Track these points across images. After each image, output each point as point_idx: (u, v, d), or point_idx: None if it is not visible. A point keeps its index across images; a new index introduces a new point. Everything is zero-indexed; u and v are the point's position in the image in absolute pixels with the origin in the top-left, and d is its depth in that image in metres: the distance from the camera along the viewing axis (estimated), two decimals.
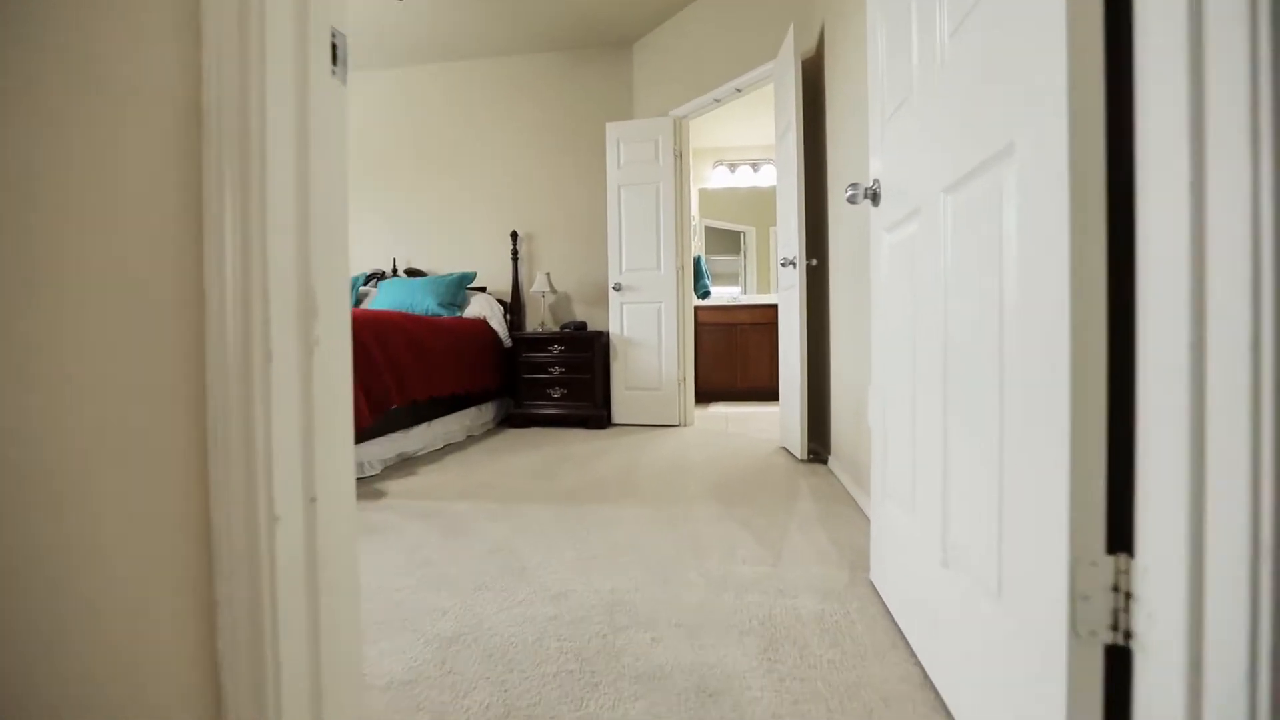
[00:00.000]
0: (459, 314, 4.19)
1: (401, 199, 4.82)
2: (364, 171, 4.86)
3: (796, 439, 2.95)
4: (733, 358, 5.54)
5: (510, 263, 4.64)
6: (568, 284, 4.61)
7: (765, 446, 3.35)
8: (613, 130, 4.19)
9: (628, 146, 4.16)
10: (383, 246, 4.84)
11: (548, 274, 4.34)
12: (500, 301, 4.53)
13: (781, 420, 3.34)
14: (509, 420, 4.21)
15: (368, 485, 2.57)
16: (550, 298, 4.60)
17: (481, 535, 1.91)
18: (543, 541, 1.84)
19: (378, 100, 4.84)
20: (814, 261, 2.89)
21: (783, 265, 2.98)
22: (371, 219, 4.86)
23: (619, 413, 4.20)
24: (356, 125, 4.86)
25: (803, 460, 2.91)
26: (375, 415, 2.63)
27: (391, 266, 4.80)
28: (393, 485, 2.57)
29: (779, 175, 3.32)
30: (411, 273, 4.67)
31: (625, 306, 4.18)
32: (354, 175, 4.88)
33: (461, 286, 4.28)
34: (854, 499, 2.23)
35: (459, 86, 4.72)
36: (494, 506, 2.23)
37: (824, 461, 2.89)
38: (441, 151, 4.76)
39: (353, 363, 2.21)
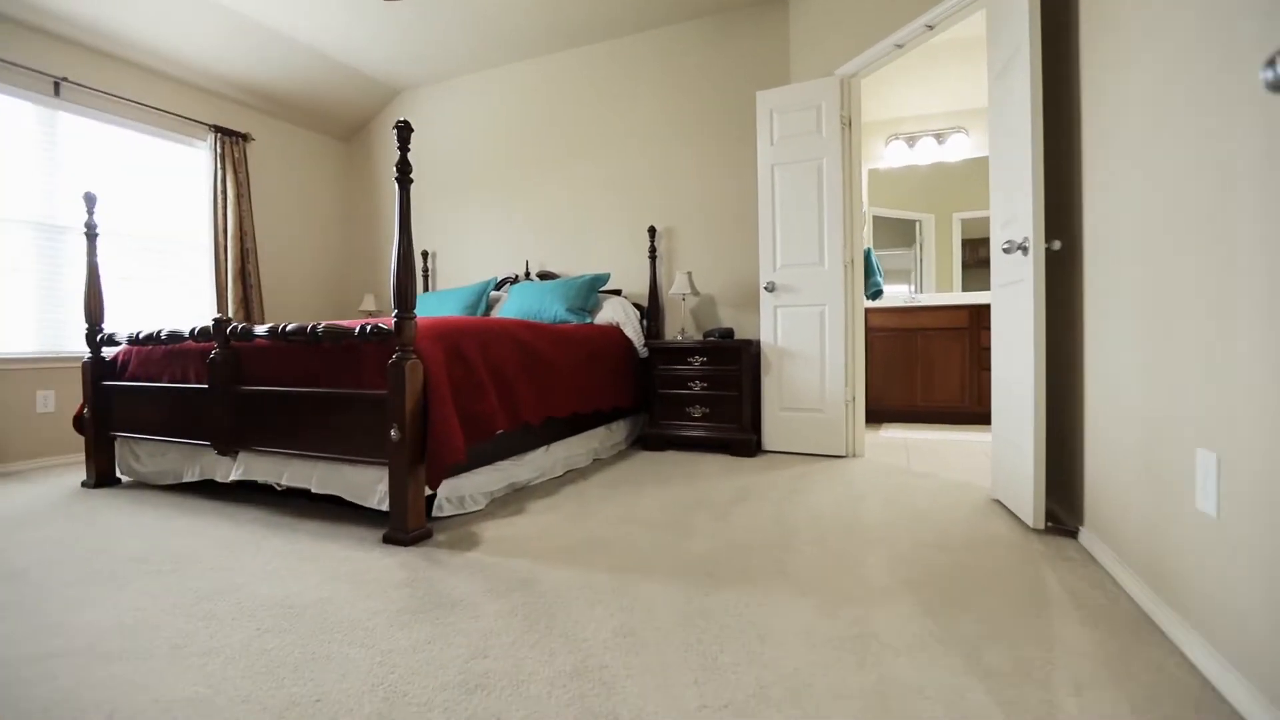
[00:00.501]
0: (590, 320, 3.77)
1: (534, 198, 4.53)
2: (498, 170, 4.65)
3: (1024, 495, 2.09)
4: (910, 371, 4.57)
5: (647, 262, 4.15)
6: (712, 284, 4.01)
7: (969, 496, 2.49)
8: (765, 99, 3.51)
9: (783, 118, 3.47)
10: (517, 249, 4.59)
11: (689, 273, 3.77)
12: (636, 306, 4.05)
13: (995, 461, 2.45)
14: (642, 440, 3.71)
15: (463, 527, 2.17)
16: (692, 300, 4.04)
17: (573, 634, 1.38)
18: (653, 660, 1.26)
19: (511, 96, 4.60)
20: (1056, 244, 2.01)
21: (1005, 251, 2.12)
22: (505, 220, 4.63)
23: (770, 437, 3.51)
24: (489, 124, 4.67)
25: (1037, 530, 2.04)
26: (475, 442, 2.24)
27: (524, 269, 4.53)
28: (491, 529, 2.15)
29: (994, 131, 2.45)
30: (544, 276, 4.36)
31: (780, 310, 3.49)
32: (486, 176, 4.69)
33: (593, 289, 3.86)
34: (1151, 619, 1.38)
35: (594, 72, 4.32)
36: (601, 578, 1.70)
37: (1071, 534, 1.99)
38: (575, 145, 4.39)
39: (449, 381, 1.79)
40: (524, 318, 3.80)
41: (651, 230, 4.00)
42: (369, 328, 2.08)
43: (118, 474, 2.96)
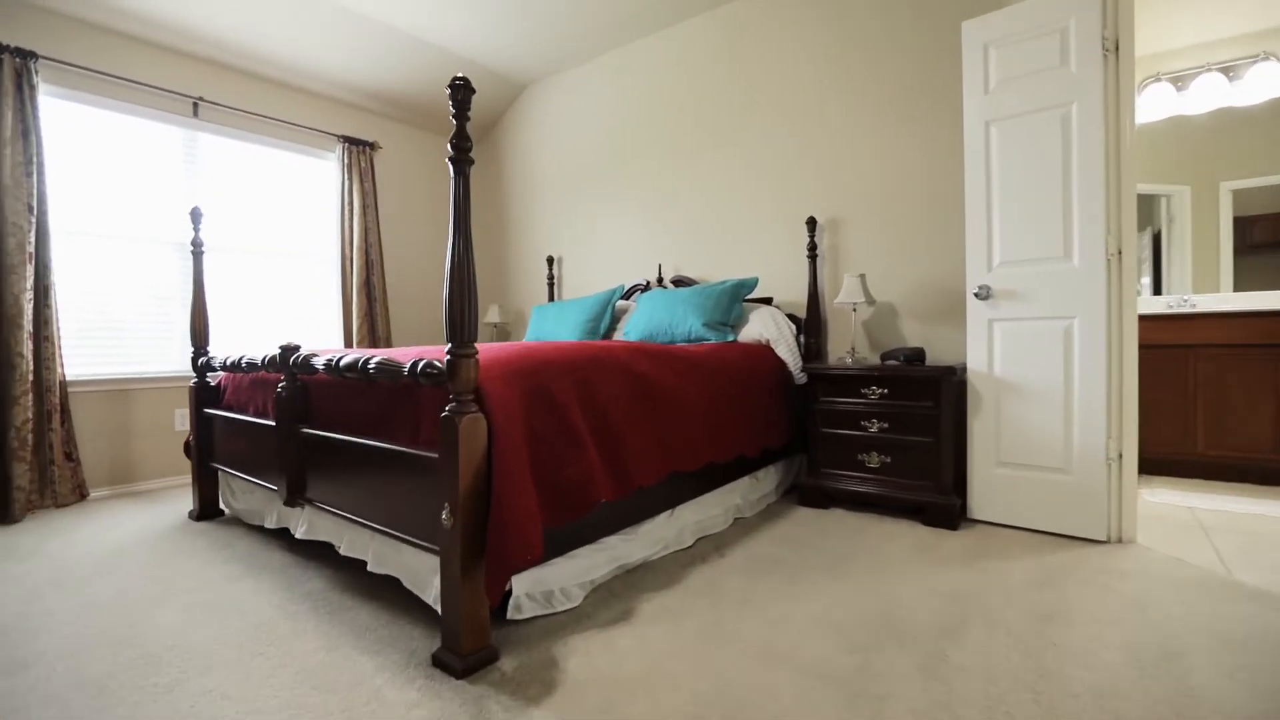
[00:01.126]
0: (732, 337, 3.03)
1: (668, 192, 3.88)
2: (628, 163, 4.05)
3: None
4: (1186, 405, 3.25)
5: (805, 262, 3.32)
6: (891, 290, 3.08)
7: None
8: (974, 32, 2.54)
9: (1005, 53, 2.47)
10: (649, 251, 3.96)
11: (861, 276, 2.89)
12: (791, 318, 3.24)
13: None
14: (798, 491, 2.89)
15: (544, 642, 1.54)
16: (864, 311, 3.14)
17: None
18: None
19: (641, 78, 3.97)
20: None
21: None
22: (636, 219, 4.02)
23: (980, 503, 2.52)
24: (616, 112, 4.09)
25: None
26: (565, 523, 1.61)
27: (657, 275, 3.90)
28: (580, 651, 1.50)
29: None
30: (680, 282, 3.69)
31: (998, 325, 2.49)
32: (615, 170, 4.12)
33: (736, 298, 3.11)
34: None
35: (734, 37, 3.57)
36: None
37: None
38: (714, 126, 3.66)
39: (527, 440, 1.12)
40: (653, 332, 3.16)
41: (811, 223, 3.16)
42: (421, 364, 1.53)
43: (220, 505, 2.77)
